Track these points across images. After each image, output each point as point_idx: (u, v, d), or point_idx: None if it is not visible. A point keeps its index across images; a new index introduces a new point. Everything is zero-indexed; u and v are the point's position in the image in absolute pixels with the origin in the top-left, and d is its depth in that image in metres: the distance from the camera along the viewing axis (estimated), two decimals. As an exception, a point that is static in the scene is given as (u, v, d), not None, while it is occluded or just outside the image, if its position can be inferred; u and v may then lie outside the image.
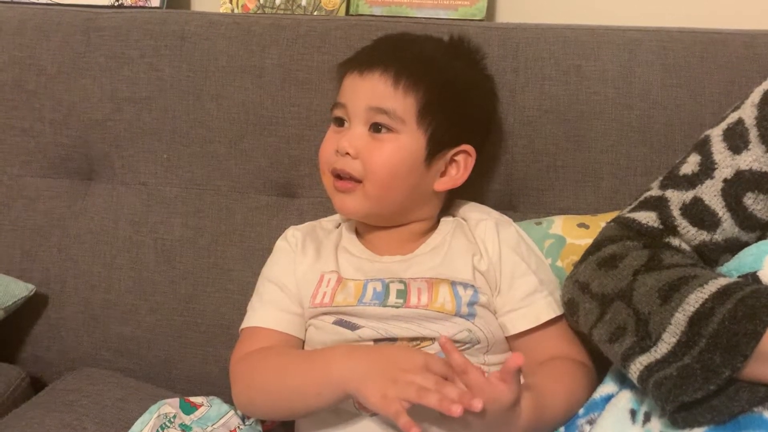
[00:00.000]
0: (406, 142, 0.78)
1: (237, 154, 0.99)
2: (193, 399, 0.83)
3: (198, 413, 0.82)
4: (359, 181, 0.78)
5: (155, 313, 0.99)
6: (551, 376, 0.73)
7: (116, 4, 1.13)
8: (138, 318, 0.99)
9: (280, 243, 0.86)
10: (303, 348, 0.80)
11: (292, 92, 0.97)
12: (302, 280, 0.80)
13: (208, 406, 0.83)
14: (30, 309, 1.00)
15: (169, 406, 0.81)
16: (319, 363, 0.72)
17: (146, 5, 1.12)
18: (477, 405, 0.61)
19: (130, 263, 1.00)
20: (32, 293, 0.98)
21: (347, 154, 0.78)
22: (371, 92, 0.78)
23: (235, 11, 1.11)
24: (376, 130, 0.78)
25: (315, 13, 1.08)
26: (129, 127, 1.02)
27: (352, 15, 1.07)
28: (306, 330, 0.80)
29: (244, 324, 0.82)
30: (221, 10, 1.12)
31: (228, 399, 0.84)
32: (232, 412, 0.82)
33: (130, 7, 1.12)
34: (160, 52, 1.01)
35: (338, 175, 0.79)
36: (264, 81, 0.98)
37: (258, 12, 1.10)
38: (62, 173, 1.05)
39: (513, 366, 0.63)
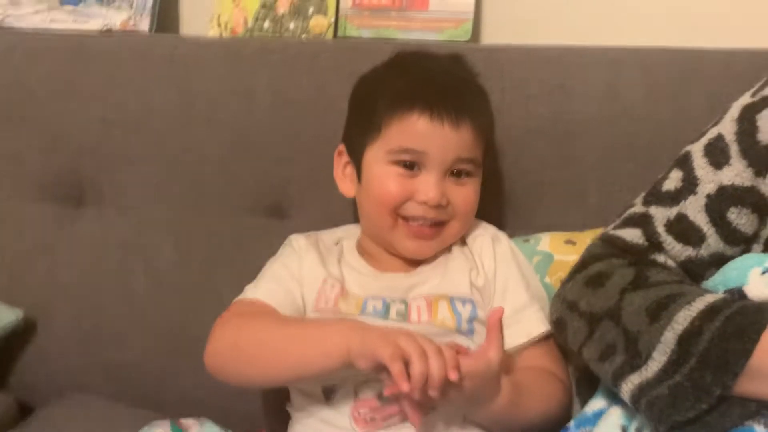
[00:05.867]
0: (479, 179, 0.82)
1: (227, 176, 1.00)
2: (184, 421, 0.83)
3: (189, 436, 0.81)
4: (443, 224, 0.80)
5: (145, 338, 0.98)
6: (532, 376, 0.75)
7: (104, 29, 1.14)
8: (127, 342, 0.98)
9: (283, 248, 0.86)
10: None
11: (281, 114, 0.98)
12: (307, 278, 0.81)
13: (200, 429, 0.82)
14: (18, 334, 0.99)
15: (160, 429, 0.80)
16: (329, 321, 0.73)
17: (135, 30, 1.13)
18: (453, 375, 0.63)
19: (119, 288, 1.00)
20: (20, 318, 0.98)
21: (440, 205, 0.78)
22: (461, 144, 0.79)
23: (224, 35, 1.12)
24: (458, 176, 0.80)
25: (303, 37, 1.09)
26: (118, 152, 1.02)
27: (339, 38, 1.09)
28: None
29: (237, 299, 0.81)
30: (210, 34, 1.13)
31: (220, 421, 0.84)
32: (224, 434, 0.82)
33: (119, 32, 1.13)
34: (148, 76, 1.02)
35: (414, 220, 0.79)
36: (253, 104, 0.99)
37: (246, 36, 1.11)
38: (51, 198, 1.05)
39: (496, 318, 0.66)
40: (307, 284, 0.80)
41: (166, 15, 1.16)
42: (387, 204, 0.79)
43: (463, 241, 0.84)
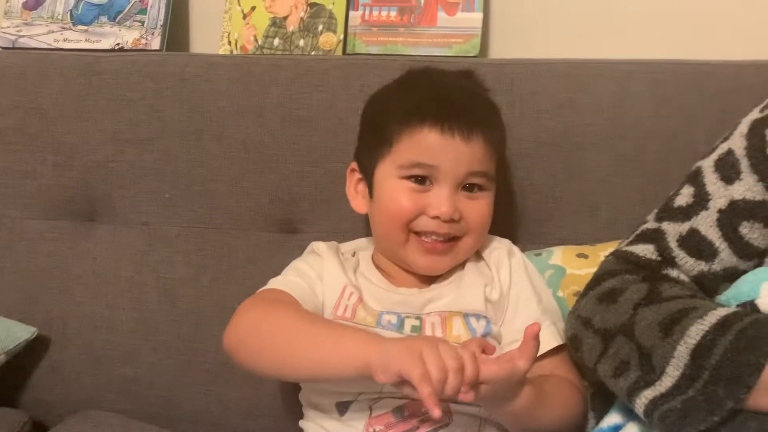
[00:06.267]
0: (492, 194, 0.82)
1: (238, 192, 1.00)
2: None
3: (202, 453, 0.81)
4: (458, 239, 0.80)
5: (157, 353, 0.98)
6: (552, 383, 0.75)
7: (116, 47, 1.15)
8: (140, 358, 0.99)
9: (306, 252, 0.87)
10: None
11: (291, 130, 0.99)
12: (328, 280, 0.81)
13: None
14: (32, 352, 0.99)
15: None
16: (349, 329, 0.71)
17: (146, 48, 1.14)
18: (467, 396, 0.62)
19: (132, 303, 1.00)
20: (34, 336, 0.98)
21: (452, 219, 0.78)
22: (473, 158, 0.78)
23: (234, 53, 1.13)
24: (471, 190, 0.80)
25: (313, 53, 1.10)
26: (130, 168, 1.03)
27: (349, 54, 1.10)
28: None
29: (262, 288, 0.81)
30: (220, 52, 1.14)
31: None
32: (235, 450, 0.82)
33: (131, 50, 1.14)
34: (160, 93, 1.02)
35: (427, 235, 0.79)
36: (264, 120, 1.00)
37: (257, 53, 1.12)
38: (64, 215, 1.05)
39: (533, 331, 0.65)
40: (328, 286, 0.81)
41: (177, 33, 1.17)
42: (399, 219, 0.79)
43: (478, 256, 0.84)
